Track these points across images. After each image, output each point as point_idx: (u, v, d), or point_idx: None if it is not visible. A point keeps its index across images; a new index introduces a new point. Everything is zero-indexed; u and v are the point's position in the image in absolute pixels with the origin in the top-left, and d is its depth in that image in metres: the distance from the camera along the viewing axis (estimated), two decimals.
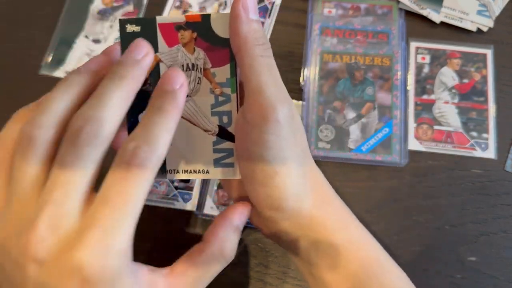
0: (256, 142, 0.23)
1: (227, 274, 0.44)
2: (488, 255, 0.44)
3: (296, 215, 0.25)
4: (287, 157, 0.24)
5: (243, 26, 0.23)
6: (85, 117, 0.20)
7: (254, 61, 0.23)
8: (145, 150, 0.20)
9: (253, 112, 0.23)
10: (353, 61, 0.51)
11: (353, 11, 0.53)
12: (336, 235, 0.25)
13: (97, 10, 0.55)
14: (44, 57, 0.53)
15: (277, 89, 0.23)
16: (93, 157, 0.20)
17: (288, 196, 0.24)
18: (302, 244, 0.26)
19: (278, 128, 0.23)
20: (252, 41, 0.23)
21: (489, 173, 0.47)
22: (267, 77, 0.23)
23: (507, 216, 0.45)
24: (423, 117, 0.49)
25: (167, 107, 0.21)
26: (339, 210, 0.26)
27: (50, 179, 0.20)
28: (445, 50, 0.51)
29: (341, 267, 0.24)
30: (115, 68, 0.22)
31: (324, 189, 0.27)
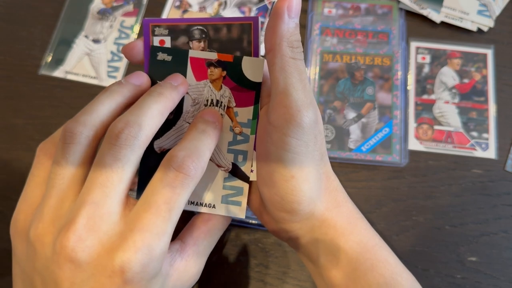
0: (276, 143, 0.23)
1: (227, 274, 0.44)
2: (489, 256, 0.43)
3: (308, 218, 0.25)
4: (305, 162, 0.24)
5: (283, 25, 0.23)
6: (126, 121, 0.21)
7: (285, 62, 0.23)
8: (194, 160, 0.21)
9: (278, 113, 0.23)
10: (353, 61, 0.51)
11: (353, 11, 0.53)
12: (346, 239, 0.25)
13: (97, 10, 0.55)
14: (44, 56, 0.53)
15: (305, 94, 0.23)
16: (131, 160, 0.21)
17: (303, 200, 0.24)
18: (312, 246, 0.26)
19: (301, 133, 0.23)
20: (287, 42, 0.23)
21: (490, 173, 0.46)
22: (296, 81, 0.23)
23: (507, 216, 0.45)
24: (423, 117, 0.49)
25: (210, 131, 0.24)
26: (350, 213, 0.26)
27: (89, 178, 0.21)
28: (446, 50, 0.51)
29: (353, 272, 0.24)
30: (155, 87, 0.24)
31: (338, 192, 0.26)
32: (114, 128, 0.21)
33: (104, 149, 0.21)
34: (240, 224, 0.45)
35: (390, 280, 0.24)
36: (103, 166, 0.21)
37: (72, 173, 0.21)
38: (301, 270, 0.44)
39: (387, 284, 0.24)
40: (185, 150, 0.22)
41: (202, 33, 0.26)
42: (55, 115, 0.50)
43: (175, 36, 0.27)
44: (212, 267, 0.44)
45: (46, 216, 0.21)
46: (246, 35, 0.26)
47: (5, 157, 0.49)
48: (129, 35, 0.54)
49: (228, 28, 0.26)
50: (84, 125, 0.22)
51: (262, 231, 0.45)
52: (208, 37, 0.26)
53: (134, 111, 0.22)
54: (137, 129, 0.21)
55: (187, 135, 0.23)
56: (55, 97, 0.51)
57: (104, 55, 0.53)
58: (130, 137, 0.21)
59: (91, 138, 0.22)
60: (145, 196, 0.21)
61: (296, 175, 0.24)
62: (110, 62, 0.53)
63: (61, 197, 0.21)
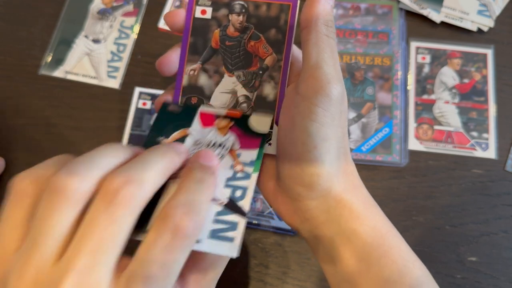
0: (303, 113, 0.24)
1: (227, 274, 0.44)
2: (489, 255, 0.43)
3: (325, 195, 0.25)
4: (329, 134, 0.24)
5: (319, 5, 0.25)
6: (127, 176, 0.19)
7: (319, 38, 0.24)
8: (192, 218, 0.19)
9: (308, 84, 0.24)
10: (353, 61, 0.51)
11: (353, 11, 0.53)
12: (361, 222, 0.25)
13: (97, 10, 0.55)
14: (44, 56, 0.53)
15: (335, 69, 0.24)
16: (128, 222, 0.18)
17: (323, 172, 0.24)
18: (326, 228, 0.25)
19: (328, 103, 0.24)
20: (323, 20, 0.25)
21: (490, 173, 0.46)
22: (328, 56, 0.24)
23: (507, 216, 0.45)
24: (423, 117, 0.49)
25: (208, 180, 0.21)
26: (365, 198, 0.26)
27: (78, 239, 0.18)
28: (446, 50, 0.51)
29: (367, 256, 0.24)
30: (159, 147, 0.22)
31: (354, 177, 0.27)
32: (111, 183, 0.18)
33: (97, 207, 0.18)
34: None
35: (402, 267, 0.24)
36: (95, 228, 0.18)
37: (59, 232, 0.18)
38: (301, 270, 0.44)
39: (399, 271, 0.24)
40: (182, 206, 0.19)
41: (242, 8, 0.28)
42: (55, 115, 0.50)
43: (217, 8, 0.28)
44: None
45: (27, 278, 0.18)
46: (284, 15, 0.28)
47: (5, 157, 0.49)
48: (129, 35, 0.54)
49: (268, 6, 0.28)
50: (82, 179, 0.19)
51: (262, 231, 0.45)
52: (248, 12, 0.28)
53: (135, 165, 0.20)
54: (138, 187, 0.18)
55: (182, 186, 0.20)
56: (55, 97, 0.51)
57: (104, 55, 0.53)
58: (129, 196, 0.18)
59: (87, 195, 0.19)
60: (139, 261, 0.19)
61: (319, 146, 0.24)
62: (110, 62, 0.53)
63: (45, 257, 0.18)
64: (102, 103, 0.51)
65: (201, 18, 0.28)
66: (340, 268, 0.25)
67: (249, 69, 0.28)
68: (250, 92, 0.28)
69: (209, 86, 0.28)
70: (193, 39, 0.28)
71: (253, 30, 0.28)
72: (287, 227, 0.44)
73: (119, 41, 0.54)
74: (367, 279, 0.24)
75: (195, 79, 0.28)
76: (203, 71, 0.28)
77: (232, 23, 0.28)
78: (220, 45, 0.28)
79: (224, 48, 0.28)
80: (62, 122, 0.50)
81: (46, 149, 0.49)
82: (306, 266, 0.44)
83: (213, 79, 0.28)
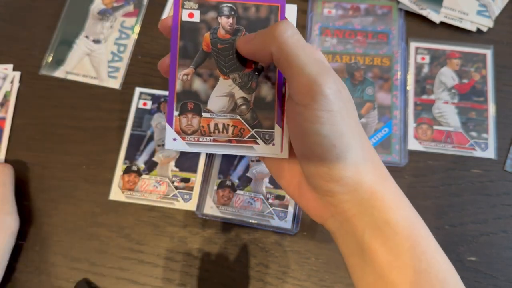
0: (310, 119, 0.24)
1: (227, 274, 0.44)
2: (488, 255, 0.44)
3: (357, 188, 0.25)
4: (343, 130, 0.24)
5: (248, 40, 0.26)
6: None
7: (288, 49, 0.24)
8: None
9: (300, 92, 0.24)
10: (353, 61, 0.51)
11: (353, 11, 0.54)
12: (393, 213, 0.25)
13: (97, 10, 0.55)
14: (45, 57, 0.53)
15: (317, 65, 0.23)
16: None
17: (349, 167, 0.24)
18: (358, 220, 0.25)
19: (328, 103, 0.23)
20: (279, 33, 0.24)
21: (489, 173, 0.47)
22: (303, 56, 0.23)
23: (507, 216, 0.45)
24: (423, 117, 0.49)
25: None
26: (396, 189, 0.27)
27: None
28: (445, 50, 0.51)
29: (396, 246, 0.24)
30: None
31: (382, 167, 0.27)
32: None
33: None
34: (240, 224, 0.45)
35: (431, 258, 0.24)
36: None
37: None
38: (301, 269, 0.44)
39: (428, 262, 0.24)
40: None
41: (231, 10, 0.28)
42: (55, 115, 0.51)
43: (205, 10, 0.28)
44: (212, 267, 0.44)
45: None
46: (274, 16, 0.28)
47: (5, 157, 0.49)
48: (130, 36, 0.54)
49: (257, 8, 0.28)
50: None
51: (262, 230, 0.45)
52: (237, 14, 0.28)
53: None
54: None
55: None
56: (56, 97, 0.51)
57: (105, 55, 0.53)
58: None
59: None
60: None
61: (338, 144, 0.24)
62: (111, 62, 0.53)
63: None
64: (102, 103, 0.51)
65: (189, 21, 0.28)
66: (369, 259, 0.25)
67: (244, 71, 0.28)
68: (248, 94, 0.28)
69: (204, 90, 0.28)
70: (183, 43, 0.28)
71: (244, 32, 0.28)
72: (287, 227, 0.44)
73: (119, 41, 0.54)
74: (397, 269, 0.24)
75: (189, 84, 0.28)
76: (197, 76, 0.28)
77: (222, 25, 0.28)
78: (212, 48, 0.28)
79: (216, 51, 0.28)
80: (63, 122, 0.50)
81: (46, 149, 0.49)
82: (306, 266, 0.44)
83: (208, 83, 0.28)
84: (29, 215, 0.47)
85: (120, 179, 0.47)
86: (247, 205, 0.45)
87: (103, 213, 0.47)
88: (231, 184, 0.46)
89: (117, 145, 0.49)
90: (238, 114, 0.28)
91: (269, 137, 0.27)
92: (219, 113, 0.28)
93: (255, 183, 0.46)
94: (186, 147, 0.28)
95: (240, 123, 0.28)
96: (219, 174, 0.47)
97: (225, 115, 0.28)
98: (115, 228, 0.46)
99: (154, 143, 0.49)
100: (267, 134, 0.28)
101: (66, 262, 0.45)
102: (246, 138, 0.28)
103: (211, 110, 0.28)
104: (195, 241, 0.45)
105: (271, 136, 0.27)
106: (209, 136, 0.28)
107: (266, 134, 0.28)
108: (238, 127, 0.28)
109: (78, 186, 0.48)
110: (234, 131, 0.28)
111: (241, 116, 0.28)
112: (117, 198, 0.47)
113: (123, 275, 0.44)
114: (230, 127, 0.28)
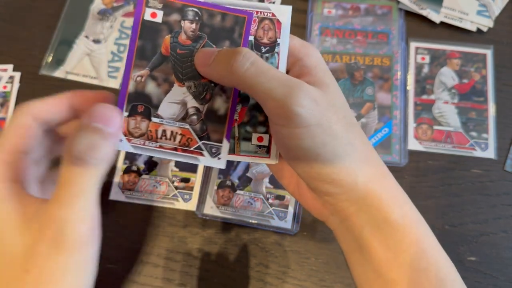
0: (288, 137, 0.24)
1: (227, 274, 0.44)
2: (488, 255, 0.44)
3: (352, 188, 0.25)
4: (325, 140, 0.24)
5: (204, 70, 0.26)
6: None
7: (241, 79, 0.23)
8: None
9: (274, 115, 0.24)
10: (353, 61, 0.51)
11: (353, 11, 0.54)
12: (391, 211, 0.25)
13: (97, 10, 0.55)
14: (45, 57, 0.53)
15: (282, 84, 0.23)
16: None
17: (339, 169, 0.24)
18: (356, 218, 0.25)
19: (304, 120, 0.23)
20: (227, 67, 0.24)
21: (489, 173, 0.47)
22: (265, 82, 0.23)
23: (507, 216, 0.45)
24: (423, 117, 0.49)
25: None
26: (394, 187, 0.27)
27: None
28: (445, 50, 0.51)
29: (394, 244, 0.24)
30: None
31: (378, 163, 0.27)
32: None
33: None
34: (240, 224, 0.45)
35: (430, 256, 0.24)
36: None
37: None
38: (301, 269, 0.44)
39: (427, 260, 0.24)
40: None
41: (196, 15, 0.27)
42: None
43: (168, 12, 0.27)
44: (212, 267, 0.44)
45: None
46: (239, 28, 0.27)
47: None
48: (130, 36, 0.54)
49: (223, 17, 0.27)
50: None
51: (262, 230, 0.45)
52: (202, 20, 0.27)
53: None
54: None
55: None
56: None
57: (105, 55, 0.53)
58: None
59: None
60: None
61: (321, 152, 0.24)
62: (111, 62, 0.53)
63: None
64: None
65: (150, 21, 0.27)
66: (368, 257, 0.25)
67: (200, 80, 0.27)
68: (201, 105, 0.27)
69: (157, 94, 0.27)
70: (141, 43, 0.27)
71: (206, 40, 0.27)
72: (287, 227, 0.44)
73: (119, 41, 0.54)
74: (395, 267, 0.24)
75: (142, 86, 0.27)
76: (151, 78, 0.27)
77: (184, 30, 0.27)
78: (170, 52, 0.27)
79: (174, 56, 0.27)
80: None
81: None
82: (306, 266, 0.44)
83: (162, 87, 0.27)
84: None
85: (120, 179, 0.47)
86: (247, 205, 0.45)
87: (103, 213, 0.46)
88: (231, 184, 0.46)
89: None
90: (188, 124, 0.27)
91: (216, 151, 0.27)
92: (169, 120, 0.27)
93: (255, 183, 0.46)
94: (131, 149, 0.27)
95: (188, 132, 0.27)
96: (219, 174, 0.47)
97: (174, 123, 0.27)
98: (115, 228, 0.46)
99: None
100: (214, 148, 0.27)
101: None
102: (193, 149, 0.27)
103: (161, 116, 0.27)
104: (195, 241, 0.45)
105: (218, 149, 0.27)
106: (155, 142, 0.27)
107: (213, 147, 0.27)
108: (186, 136, 0.27)
109: None
110: (181, 140, 0.27)
111: (191, 126, 0.27)
112: (117, 198, 0.47)
113: (123, 275, 0.44)
114: (178, 135, 0.27)
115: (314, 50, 0.26)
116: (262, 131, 0.27)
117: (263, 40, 0.27)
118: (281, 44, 0.27)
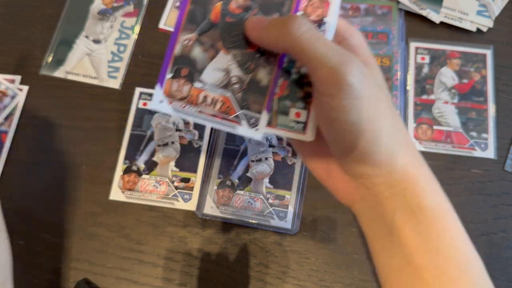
0: (336, 109, 0.23)
1: (227, 274, 0.44)
2: (488, 255, 0.44)
3: (390, 171, 0.25)
4: (372, 115, 0.24)
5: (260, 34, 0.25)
6: None
7: (296, 42, 0.23)
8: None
9: (323, 84, 0.23)
10: None
11: (353, 11, 0.54)
12: (427, 197, 0.25)
13: (97, 10, 0.55)
14: (45, 57, 0.53)
15: (336, 53, 0.23)
16: None
17: (381, 150, 0.24)
18: (389, 203, 0.25)
19: (354, 92, 0.23)
20: (289, 29, 0.23)
21: (489, 173, 0.47)
22: (320, 48, 0.23)
23: (507, 216, 0.45)
24: (423, 117, 0.49)
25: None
26: (430, 175, 0.26)
27: None
28: (445, 50, 0.51)
29: (426, 230, 0.24)
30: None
31: (415, 150, 0.26)
32: None
33: None
34: (240, 224, 0.45)
35: (459, 245, 0.24)
36: None
37: None
38: (301, 269, 0.44)
39: (456, 248, 0.24)
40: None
41: None
42: (55, 115, 0.51)
43: None
44: (212, 267, 0.44)
45: None
46: (289, 2, 0.27)
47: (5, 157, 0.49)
48: (130, 36, 0.54)
49: None
50: None
51: (262, 230, 0.45)
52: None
53: None
54: None
55: None
56: (56, 97, 0.51)
57: (105, 55, 0.53)
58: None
59: None
60: None
61: (368, 129, 0.23)
62: (111, 62, 0.53)
63: None
64: (102, 103, 0.51)
65: None
66: (397, 242, 0.25)
67: (246, 50, 0.27)
68: (244, 74, 0.27)
69: (202, 60, 0.27)
70: (192, 7, 0.27)
71: (257, 10, 0.27)
72: (287, 227, 0.44)
73: (119, 41, 0.54)
74: (424, 252, 0.24)
75: (189, 50, 0.27)
76: (198, 43, 0.27)
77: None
78: (220, 19, 0.27)
79: (223, 24, 0.27)
80: (62, 122, 0.50)
81: (46, 149, 0.49)
82: (306, 266, 0.44)
83: (208, 53, 0.27)
84: (29, 215, 0.47)
85: (120, 179, 0.47)
86: (247, 205, 0.45)
87: (103, 213, 0.47)
88: (231, 184, 0.46)
89: (117, 145, 0.49)
90: (229, 91, 0.27)
91: (254, 121, 0.27)
92: (211, 86, 0.27)
93: (255, 183, 0.46)
94: (171, 111, 0.27)
95: (229, 100, 0.27)
96: (219, 174, 0.47)
97: (216, 90, 0.27)
98: (115, 228, 0.46)
99: (154, 143, 0.49)
100: (253, 118, 0.27)
101: (66, 262, 0.45)
102: (231, 117, 0.27)
103: (204, 81, 0.27)
104: (195, 241, 0.45)
105: (256, 120, 0.27)
106: (196, 106, 0.27)
107: (252, 117, 0.27)
108: (226, 104, 0.27)
109: (78, 186, 0.48)
110: (221, 107, 0.27)
111: (232, 94, 0.27)
112: (117, 198, 0.47)
113: (123, 275, 0.44)
114: (218, 102, 0.27)
115: (358, 31, 0.27)
116: (300, 106, 0.27)
117: (311, 17, 0.27)
118: (330, 22, 0.27)
